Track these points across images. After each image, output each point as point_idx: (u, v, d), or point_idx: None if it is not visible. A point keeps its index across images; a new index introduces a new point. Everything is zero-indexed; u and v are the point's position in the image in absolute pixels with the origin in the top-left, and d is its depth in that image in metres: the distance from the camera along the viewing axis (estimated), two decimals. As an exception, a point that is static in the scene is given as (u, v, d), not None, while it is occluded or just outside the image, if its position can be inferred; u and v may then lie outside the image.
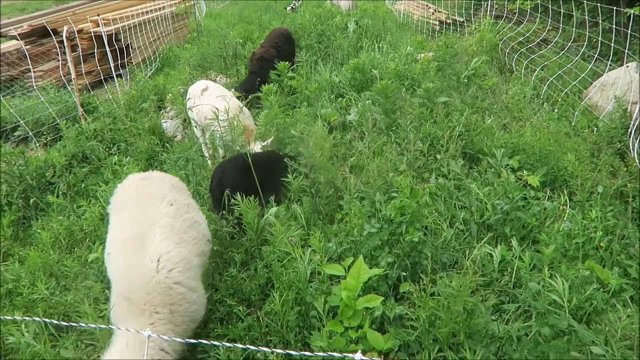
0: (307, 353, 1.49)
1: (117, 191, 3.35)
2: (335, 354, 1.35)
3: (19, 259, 4.40)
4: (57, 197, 5.15)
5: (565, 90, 6.59)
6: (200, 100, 5.31)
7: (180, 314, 2.70)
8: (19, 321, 3.32)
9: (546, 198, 4.23)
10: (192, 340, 2.17)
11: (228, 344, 2.13)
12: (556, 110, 6.43)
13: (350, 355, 1.16)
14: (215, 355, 2.89)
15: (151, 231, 2.85)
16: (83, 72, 7.83)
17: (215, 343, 2.05)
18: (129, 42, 9.62)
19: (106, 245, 3.03)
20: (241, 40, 9.71)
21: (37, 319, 2.73)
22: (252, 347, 1.85)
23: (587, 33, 7.20)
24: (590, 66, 6.82)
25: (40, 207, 5.22)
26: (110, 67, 7.95)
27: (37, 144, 6.65)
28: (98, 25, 8.36)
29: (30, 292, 3.80)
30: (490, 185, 4.27)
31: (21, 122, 6.63)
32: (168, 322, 2.64)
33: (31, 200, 5.04)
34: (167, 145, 6.32)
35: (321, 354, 1.60)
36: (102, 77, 8.16)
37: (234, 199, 3.85)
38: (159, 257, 2.73)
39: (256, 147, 5.01)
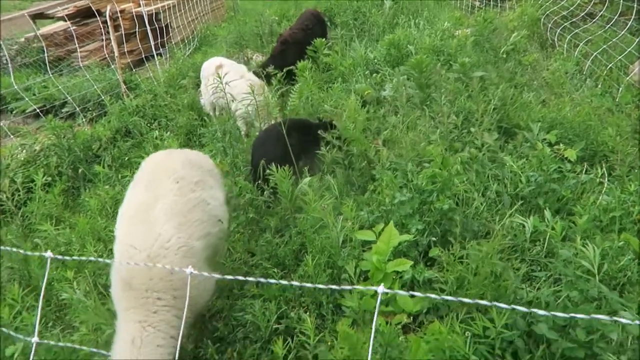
0: (333, 287, 1.56)
1: (141, 166, 3.33)
2: (359, 287, 1.44)
3: (69, 225, 4.69)
4: (103, 168, 5.43)
5: (610, 66, 6.37)
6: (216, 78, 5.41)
7: (183, 299, 2.48)
8: (71, 279, 3.58)
9: (583, 171, 4.16)
10: (228, 276, 2.16)
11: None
12: (599, 86, 6.24)
13: (373, 287, 1.25)
14: (251, 312, 3.05)
15: (154, 210, 2.76)
16: (125, 51, 8.10)
17: (261, 280, 2.11)
18: (168, 21, 9.85)
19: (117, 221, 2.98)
20: (277, 18, 9.78)
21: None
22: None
23: (635, 5, 6.90)
24: (638, 40, 6.55)
25: (87, 178, 5.52)
26: (151, 46, 8.20)
27: (84, 119, 6.98)
28: (139, 6, 8.60)
29: (80, 255, 4.06)
30: (525, 158, 4.23)
31: (69, 98, 6.97)
32: (172, 308, 2.54)
33: (79, 171, 5.34)
34: (206, 119, 6.51)
35: (347, 287, 1.68)
36: (143, 56, 8.43)
37: (270, 169, 3.97)
38: (156, 238, 2.62)
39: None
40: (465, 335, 2.54)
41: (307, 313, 3.05)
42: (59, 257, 2.24)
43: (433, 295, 1.65)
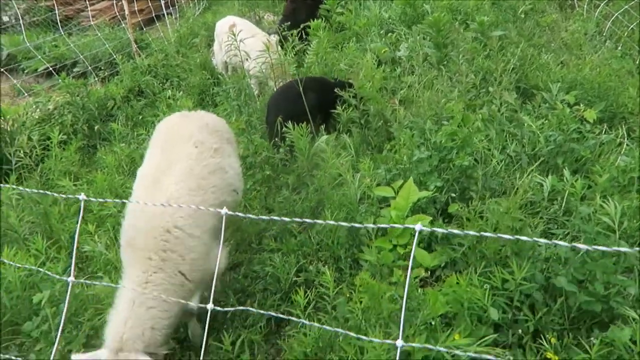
0: (370, 225, 1.58)
1: (156, 128, 3.29)
2: (398, 225, 1.46)
3: (86, 181, 4.74)
4: (118, 127, 5.44)
5: (632, 27, 6.20)
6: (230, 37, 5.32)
7: (173, 261, 2.50)
8: (93, 232, 3.65)
9: (602, 132, 4.12)
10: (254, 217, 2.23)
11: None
12: (619, 48, 6.09)
13: (411, 225, 1.26)
14: (271, 264, 3.10)
15: (168, 172, 2.70)
16: (136, 9, 7.98)
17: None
18: (178, -20, 9.65)
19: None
20: (289, -23, 9.53)
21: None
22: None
23: (660, -37, 6.65)
24: (661, -1, 6.35)
25: (103, 136, 5.54)
26: (161, 4, 8.06)
27: (96, 79, 6.95)
28: (148, -38, 8.42)
29: (99, 210, 4.12)
30: (544, 118, 4.19)
31: (81, 56, 6.92)
32: (160, 270, 2.48)
33: (95, 127, 5.35)
34: (219, 78, 6.46)
35: (384, 225, 1.69)
36: (153, 15, 8.30)
37: (286, 126, 3.96)
38: (167, 200, 2.55)
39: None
40: (483, 288, 2.58)
41: (326, 267, 3.10)
42: (92, 199, 2.28)
43: (458, 232, 1.66)
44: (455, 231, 1.24)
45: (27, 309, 3.16)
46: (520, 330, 2.52)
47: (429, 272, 3.04)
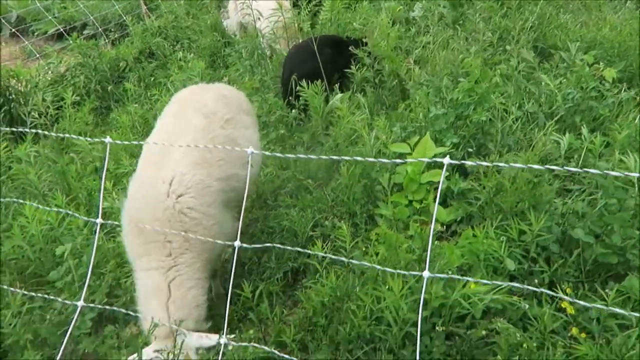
0: (398, 160, 1.59)
1: (171, 99, 3.18)
2: (424, 159, 1.47)
3: (101, 141, 4.77)
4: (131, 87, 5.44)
5: (654, -14, 6.02)
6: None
7: (197, 241, 2.41)
8: (111, 190, 3.70)
9: (622, 91, 4.06)
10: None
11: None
12: (640, 9, 5.93)
13: (439, 159, 1.26)
14: (288, 219, 3.14)
15: (176, 145, 2.56)
16: (144, -30, 7.84)
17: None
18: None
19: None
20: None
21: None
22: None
23: None
24: (685, -43, 6.13)
25: (115, 97, 5.54)
26: (170, -36, 7.90)
27: (106, 41, 6.91)
28: None
29: (115, 168, 4.16)
30: (562, 76, 4.12)
31: (91, 17, 6.86)
32: (187, 250, 2.42)
33: (109, 88, 5.35)
34: (230, 39, 6.40)
35: (411, 160, 1.70)
36: (162, -24, 8.15)
37: (301, 85, 3.94)
38: (171, 179, 2.45)
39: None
40: (500, 240, 2.60)
41: (342, 222, 3.13)
42: (118, 141, 2.30)
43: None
44: (484, 163, 1.24)
45: (50, 261, 3.24)
46: (536, 281, 2.55)
47: (445, 227, 3.07)
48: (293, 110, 4.11)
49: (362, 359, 2.48)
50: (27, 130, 4.15)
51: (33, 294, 2.26)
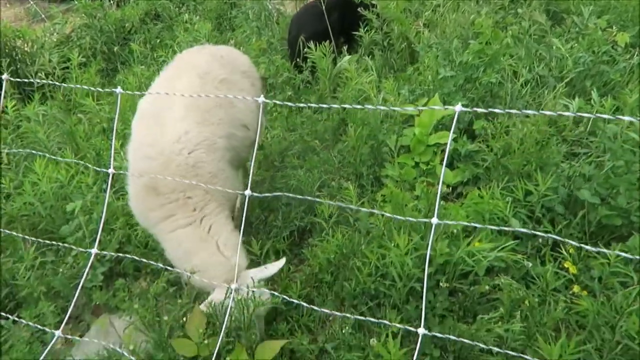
0: (409, 108, 1.59)
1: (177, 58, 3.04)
2: (436, 107, 1.48)
3: (107, 103, 4.77)
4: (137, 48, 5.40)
5: (673, -52, 5.83)
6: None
7: (218, 192, 2.40)
8: (118, 148, 3.72)
9: (634, 56, 4.00)
10: None
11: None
12: (657, -28, 5.76)
13: (451, 107, 1.27)
14: (296, 179, 3.16)
15: (172, 106, 2.51)
16: None
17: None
18: None
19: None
20: None
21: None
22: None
23: None
24: None
25: (121, 59, 5.51)
26: None
27: (111, 1, 6.81)
28: None
29: (123, 129, 4.18)
30: (574, 40, 4.06)
31: (94, -23, 6.74)
32: (210, 201, 2.40)
33: (115, 49, 5.32)
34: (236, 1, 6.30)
35: (423, 107, 1.71)
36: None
37: (308, 46, 3.90)
38: (178, 137, 2.40)
39: None
40: (505, 201, 2.62)
41: (348, 182, 3.15)
42: (129, 92, 2.30)
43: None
44: (497, 110, 1.24)
45: (61, 218, 3.30)
46: (540, 240, 2.58)
47: (450, 189, 3.09)
48: (300, 72, 4.08)
49: (366, 314, 2.54)
50: (38, 81, 4.13)
51: (49, 241, 2.27)
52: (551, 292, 2.35)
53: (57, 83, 2.54)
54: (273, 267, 2.32)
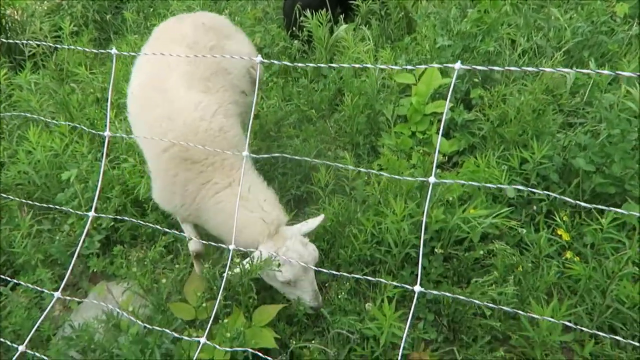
0: (409, 67, 1.58)
1: (151, 35, 2.93)
2: (435, 65, 1.47)
3: (101, 72, 4.71)
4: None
5: None
6: None
7: (238, 156, 2.30)
8: (112, 118, 3.69)
9: (633, 26, 3.97)
10: None
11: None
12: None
13: (450, 65, 1.26)
14: (292, 148, 3.16)
15: (171, 81, 2.45)
16: None
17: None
18: None
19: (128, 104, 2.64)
20: None
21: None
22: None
23: None
24: None
25: (114, 29, 5.41)
26: None
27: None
28: None
29: (117, 98, 4.13)
30: (573, 10, 4.02)
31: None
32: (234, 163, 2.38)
33: (107, 17, 5.22)
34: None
35: (421, 66, 1.70)
36: None
37: (305, 15, 3.84)
38: (195, 106, 2.37)
39: None
40: (501, 169, 2.63)
41: (345, 152, 3.15)
42: (125, 53, 2.25)
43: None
44: (496, 68, 1.24)
45: (56, 187, 3.29)
46: (534, 208, 2.60)
47: (447, 158, 3.09)
48: (296, 42, 4.03)
49: (362, 281, 2.57)
50: (31, 43, 4.05)
51: (45, 205, 2.25)
52: (544, 258, 2.38)
53: (51, 44, 2.46)
54: (314, 221, 2.35)
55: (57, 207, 2.15)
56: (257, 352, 1.58)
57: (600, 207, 1.13)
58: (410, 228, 2.39)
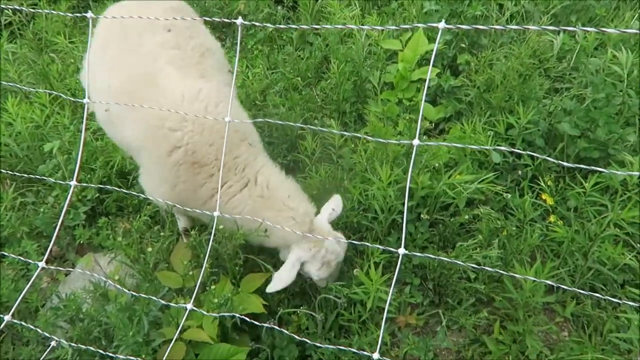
0: (391, 27, 1.55)
1: (97, 27, 2.61)
2: (420, 24, 1.44)
3: (80, 41, 4.58)
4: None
5: None
6: None
7: (257, 140, 2.32)
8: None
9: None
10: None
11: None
12: None
13: (434, 24, 1.23)
14: (278, 117, 3.13)
15: (160, 71, 2.22)
16: None
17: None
18: None
19: (96, 105, 2.35)
20: None
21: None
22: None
23: None
24: None
25: (93, -4, 5.24)
26: None
27: None
28: None
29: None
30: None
31: None
32: (255, 152, 2.26)
33: (85, -16, 5.04)
34: None
35: (406, 26, 1.67)
36: None
37: (289, -20, 3.75)
38: (195, 96, 2.14)
39: None
40: (487, 134, 2.64)
41: (332, 120, 3.12)
42: (101, 16, 2.16)
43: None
44: (480, 27, 1.21)
45: (39, 159, 3.24)
46: (519, 173, 2.62)
47: (433, 125, 3.09)
48: (280, 8, 3.94)
49: (349, 248, 2.59)
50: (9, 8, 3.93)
51: (26, 175, 2.22)
52: (529, 222, 2.41)
53: (28, 10, 2.37)
54: (337, 207, 2.26)
55: (39, 177, 2.10)
56: (244, 317, 1.60)
57: (581, 166, 1.13)
58: (397, 194, 2.39)
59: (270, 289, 2.05)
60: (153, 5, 2.58)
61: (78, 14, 1.71)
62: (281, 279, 2.06)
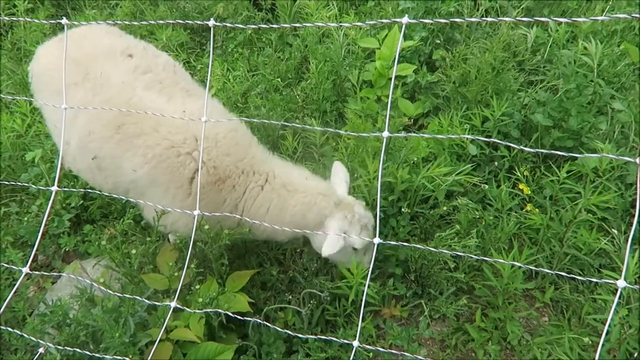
0: (361, 23, 1.59)
1: (38, 68, 2.57)
2: (385, 20, 1.47)
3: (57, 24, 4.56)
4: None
5: None
6: None
7: (253, 143, 2.32)
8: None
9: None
10: None
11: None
12: None
13: (398, 19, 1.27)
14: (260, 116, 3.16)
15: (141, 100, 2.14)
16: None
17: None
18: None
19: (75, 152, 2.24)
20: None
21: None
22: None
23: None
24: None
25: (72, 4, 5.23)
26: None
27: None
28: None
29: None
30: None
31: None
32: (256, 154, 2.26)
33: (64, -8, 5.04)
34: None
35: (371, 22, 1.71)
36: None
37: (267, -18, 3.78)
38: (196, 116, 2.06)
39: None
40: (463, 127, 2.70)
41: (312, 119, 3.16)
42: (76, 22, 2.16)
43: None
44: (441, 20, 1.26)
45: (21, 168, 3.24)
46: (496, 164, 2.68)
47: (412, 121, 3.14)
48: (258, 11, 3.98)
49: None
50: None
51: (7, 182, 2.22)
52: (506, 212, 2.48)
53: (6, 19, 2.37)
54: (344, 175, 2.29)
55: (22, 184, 2.11)
56: (229, 313, 1.62)
57: (557, 152, 1.19)
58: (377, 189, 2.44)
59: (325, 252, 2.02)
60: (93, 31, 2.50)
61: (53, 21, 1.72)
62: (333, 244, 2.03)
